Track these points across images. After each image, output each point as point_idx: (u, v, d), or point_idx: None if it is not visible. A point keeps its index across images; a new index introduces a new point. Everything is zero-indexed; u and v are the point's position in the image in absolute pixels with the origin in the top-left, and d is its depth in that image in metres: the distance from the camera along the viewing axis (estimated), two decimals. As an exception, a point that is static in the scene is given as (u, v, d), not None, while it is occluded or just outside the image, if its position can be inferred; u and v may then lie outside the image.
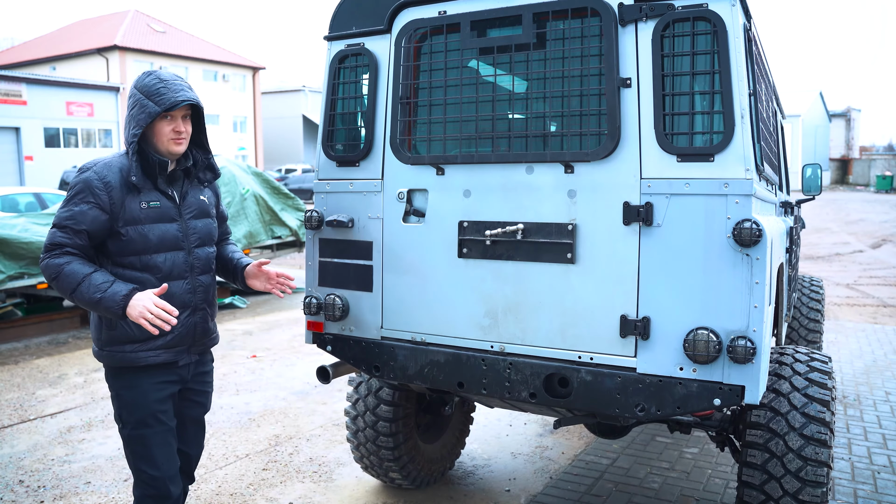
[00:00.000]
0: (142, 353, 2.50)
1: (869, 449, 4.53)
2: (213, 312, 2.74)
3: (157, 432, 2.52)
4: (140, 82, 2.50)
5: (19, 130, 27.30)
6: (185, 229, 2.59)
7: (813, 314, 5.52)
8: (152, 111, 2.44)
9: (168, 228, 2.54)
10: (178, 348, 2.58)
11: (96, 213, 2.42)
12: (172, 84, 2.49)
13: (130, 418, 2.52)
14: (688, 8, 2.42)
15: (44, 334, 7.99)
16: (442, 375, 2.90)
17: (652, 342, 2.50)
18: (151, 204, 2.51)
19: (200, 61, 38.30)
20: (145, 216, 2.49)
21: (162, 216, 2.54)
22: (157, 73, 2.53)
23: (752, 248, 2.34)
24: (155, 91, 2.46)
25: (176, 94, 2.46)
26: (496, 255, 2.77)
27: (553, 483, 4.03)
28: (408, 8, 2.92)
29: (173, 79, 2.51)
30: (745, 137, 2.37)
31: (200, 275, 2.64)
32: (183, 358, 2.61)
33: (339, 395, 5.65)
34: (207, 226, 2.69)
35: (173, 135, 2.50)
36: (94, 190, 2.43)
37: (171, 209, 2.56)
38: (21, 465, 4.32)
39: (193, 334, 2.62)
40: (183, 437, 2.73)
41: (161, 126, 2.49)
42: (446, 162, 2.85)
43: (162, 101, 2.44)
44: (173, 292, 2.52)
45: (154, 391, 2.53)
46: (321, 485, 4.05)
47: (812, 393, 2.70)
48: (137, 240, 2.47)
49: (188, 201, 2.63)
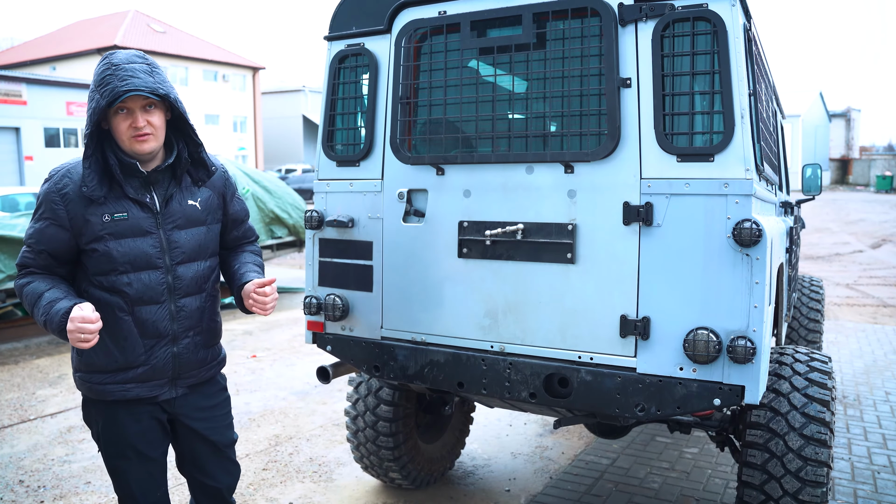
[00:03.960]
0: (109, 387, 2.20)
1: (869, 449, 4.53)
2: (207, 339, 2.35)
3: (134, 465, 2.25)
4: (94, 71, 2.12)
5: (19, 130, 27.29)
6: (163, 243, 2.20)
7: (813, 314, 5.52)
8: (97, 106, 2.06)
9: (138, 244, 2.16)
10: (153, 382, 2.23)
11: (53, 231, 2.11)
12: (122, 70, 2.06)
13: (107, 449, 2.26)
14: (688, 8, 2.42)
15: (44, 334, 7.98)
16: (442, 375, 2.90)
17: (652, 342, 2.50)
18: (116, 216, 2.13)
19: (200, 61, 38.30)
20: (109, 231, 2.12)
21: (131, 229, 2.15)
22: (112, 57, 2.10)
23: (752, 248, 2.34)
24: (101, 80, 2.06)
25: (122, 84, 2.03)
26: (496, 256, 2.77)
27: (553, 483, 4.03)
28: (408, 8, 2.92)
29: (128, 62, 2.09)
30: (745, 137, 2.37)
31: (184, 297, 2.25)
32: (164, 392, 2.27)
33: (339, 395, 5.65)
34: (198, 236, 2.29)
35: (132, 131, 2.10)
36: (51, 204, 2.10)
37: (143, 220, 2.17)
38: (21, 465, 4.32)
39: (174, 366, 2.26)
40: (205, 472, 2.40)
41: (117, 122, 2.10)
42: (446, 162, 2.85)
43: (105, 93, 2.04)
44: (144, 319, 2.18)
45: (132, 423, 2.24)
46: (321, 485, 4.05)
47: (812, 393, 2.70)
48: (102, 258, 2.13)
49: (171, 209, 2.23)
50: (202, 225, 2.32)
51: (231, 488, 2.49)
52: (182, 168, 2.26)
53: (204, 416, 2.38)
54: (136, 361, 2.20)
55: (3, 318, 7.93)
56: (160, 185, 2.23)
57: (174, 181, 2.26)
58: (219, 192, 2.41)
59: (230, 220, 2.48)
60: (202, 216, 2.32)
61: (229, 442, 2.47)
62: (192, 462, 2.42)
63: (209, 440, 2.40)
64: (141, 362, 2.20)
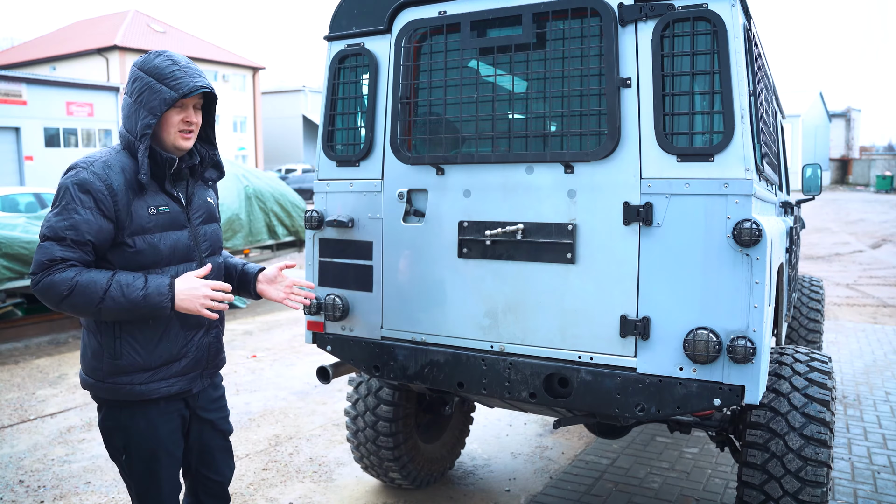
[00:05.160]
0: (154, 385, 2.19)
1: (869, 449, 4.53)
2: (222, 329, 2.48)
3: (166, 466, 2.27)
4: (148, 63, 2.14)
5: (19, 130, 27.29)
6: (195, 237, 2.28)
7: (813, 314, 5.52)
8: (167, 97, 2.09)
9: (179, 237, 2.22)
10: (192, 374, 2.30)
11: (101, 223, 2.06)
12: (188, 67, 2.15)
13: (140, 453, 2.24)
14: (688, 8, 2.42)
15: (44, 334, 7.98)
16: (442, 375, 2.90)
17: (652, 342, 2.50)
18: (161, 209, 2.17)
19: (200, 61, 38.24)
20: (154, 224, 2.15)
21: (172, 223, 2.21)
22: (169, 54, 2.17)
23: (752, 248, 2.34)
24: (170, 74, 2.11)
25: (194, 79, 2.13)
26: (496, 255, 2.77)
27: (553, 483, 4.03)
28: (408, 8, 2.92)
29: (187, 61, 2.18)
30: (745, 137, 2.37)
31: None
32: (197, 384, 2.33)
33: (339, 395, 5.65)
34: (216, 231, 2.40)
35: (183, 125, 2.17)
36: (97, 194, 2.05)
37: (180, 214, 2.24)
38: (21, 465, 4.32)
39: (207, 356, 2.35)
40: (213, 467, 2.45)
41: (170, 116, 2.15)
42: (446, 162, 2.85)
43: (179, 86, 2.09)
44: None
45: (164, 423, 2.25)
46: (321, 485, 4.05)
47: (812, 393, 2.70)
48: (147, 251, 2.13)
49: (196, 204, 2.32)
50: (216, 221, 2.44)
51: (229, 482, 2.57)
52: (203, 169, 2.37)
53: (215, 406, 2.46)
54: (180, 353, 2.25)
55: (3, 318, 7.92)
56: (182, 182, 2.31)
57: (192, 178, 2.34)
58: (217, 193, 2.55)
59: None
60: (215, 213, 2.45)
61: (231, 432, 2.57)
62: (199, 457, 2.45)
63: (220, 430, 2.47)
64: (184, 354, 2.26)
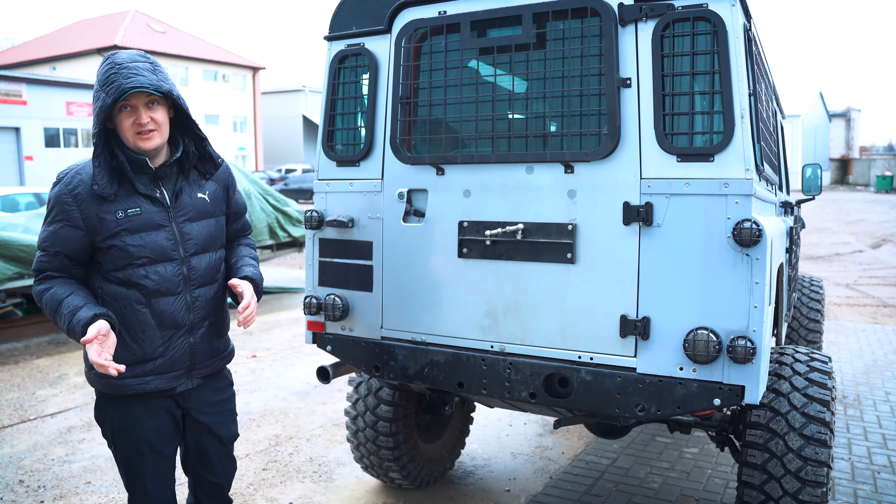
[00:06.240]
0: (128, 381, 2.22)
1: (869, 449, 4.53)
2: (219, 329, 2.44)
3: (149, 461, 2.29)
4: (98, 71, 2.17)
5: (19, 130, 27.31)
6: (176, 236, 2.27)
7: (813, 314, 5.52)
8: (103, 104, 2.11)
9: (153, 238, 2.22)
10: (173, 373, 2.29)
11: (68, 233, 2.15)
12: (126, 68, 2.11)
13: (123, 446, 2.29)
14: (688, 8, 2.42)
15: (44, 334, 7.98)
16: (442, 375, 2.90)
17: (652, 342, 2.50)
18: (129, 212, 2.19)
19: (200, 61, 38.32)
20: (123, 227, 2.18)
21: (146, 224, 2.21)
22: (114, 57, 2.16)
23: (752, 248, 2.34)
24: (106, 80, 2.11)
25: (126, 81, 2.09)
26: (496, 255, 2.77)
27: (553, 483, 4.03)
28: (408, 8, 2.92)
29: (131, 61, 2.14)
30: (745, 137, 2.37)
31: (199, 287, 2.33)
32: (181, 384, 2.32)
33: (339, 395, 5.65)
34: (209, 228, 2.37)
35: (136, 128, 2.15)
36: (64, 206, 2.14)
37: (156, 214, 2.23)
38: (21, 465, 4.32)
39: (191, 356, 2.33)
40: (210, 469, 2.46)
41: (121, 119, 2.16)
42: (446, 162, 2.85)
43: (111, 91, 2.09)
44: (162, 310, 2.24)
45: (149, 419, 2.28)
46: (321, 485, 4.05)
47: (812, 393, 2.70)
48: (118, 254, 2.18)
49: (182, 202, 2.30)
50: (211, 217, 2.40)
51: (229, 485, 2.55)
52: (190, 162, 2.34)
53: (213, 410, 2.44)
54: (154, 353, 2.25)
55: (3, 318, 7.93)
56: (169, 179, 2.29)
57: (182, 175, 2.32)
58: (223, 184, 2.48)
59: (231, 213, 2.55)
60: (211, 208, 2.40)
61: (233, 437, 2.54)
62: (196, 458, 2.46)
63: (216, 435, 2.45)
64: (159, 354, 2.25)
